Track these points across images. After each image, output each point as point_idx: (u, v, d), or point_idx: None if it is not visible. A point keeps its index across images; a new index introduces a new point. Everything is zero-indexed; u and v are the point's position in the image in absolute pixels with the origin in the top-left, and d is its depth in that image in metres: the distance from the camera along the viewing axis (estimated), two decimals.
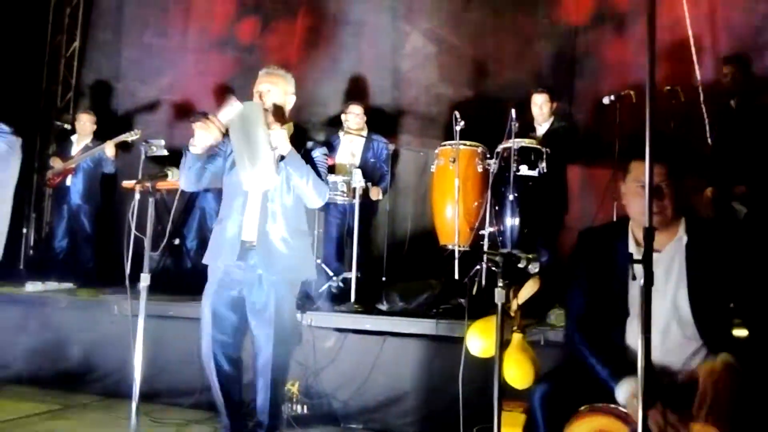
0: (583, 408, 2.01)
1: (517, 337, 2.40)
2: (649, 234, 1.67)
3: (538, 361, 2.41)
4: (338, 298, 4.55)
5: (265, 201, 2.97)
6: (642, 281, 1.66)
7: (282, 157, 2.93)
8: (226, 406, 3.10)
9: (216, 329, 3.02)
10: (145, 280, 2.64)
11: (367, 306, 4.31)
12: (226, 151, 3.09)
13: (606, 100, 4.58)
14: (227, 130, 2.89)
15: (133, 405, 2.57)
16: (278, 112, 3.01)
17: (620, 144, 4.45)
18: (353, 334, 4.02)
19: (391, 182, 5.31)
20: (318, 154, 3.13)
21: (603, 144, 4.77)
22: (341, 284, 4.77)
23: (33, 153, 6.91)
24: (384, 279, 4.89)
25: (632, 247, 2.21)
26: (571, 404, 2.14)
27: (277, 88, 3.06)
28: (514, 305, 2.37)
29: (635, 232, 2.23)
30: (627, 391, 2.01)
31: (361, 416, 3.84)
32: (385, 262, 5.03)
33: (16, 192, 3.68)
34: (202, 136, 2.87)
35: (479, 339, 2.52)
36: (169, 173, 2.79)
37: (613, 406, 2.00)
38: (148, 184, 2.64)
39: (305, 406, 3.82)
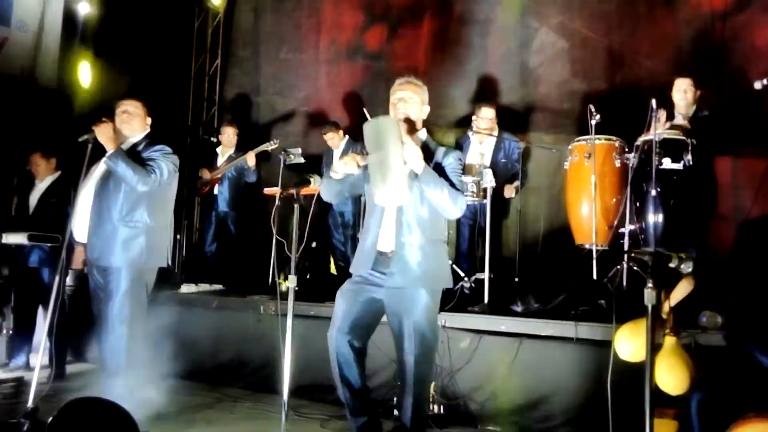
0: (750, 412, 1.87)
1: (670, 341, 2.27)
2: None
3: (692, 366, 2.26)
4: (471, 299, 4.54)
5: (400, 213, 3.01)
6: None
7: (416, 174, 2.94)
8: (348, 395, 3.08)
9: (342, 317, 3.06)
10: (292, 281, 2.76)
11: (501, 307, 4.27)
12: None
13: (758, 85, 4.19)
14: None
15: (284, 400, 2.70)
16: (410, 125, 3.07)
17: None
18: (488, 335, 4.00)
19: (523, 181, 5.22)
20: (451, 160, 3.10)
21: (755, 132, 4.41)
22: (473, 285, 4.75)
23: (182, 166, 7.49)
24: (516, 280, 4.83)
25: None
26: (731, 412, 2.00)
27: (416, 97, 3.10)
28: (665, 307, 2.25)
29: None
30: None
31: (499, 419, 3.80)
32: (518, 262, 4.96)
33: None
34: (345, 168, 2.99)
35: (629, 342, 2.40)
36: (312, 180, 2.92)
37: None
38: (294, 191, 2.79)
39: (442, 407, 3.84)
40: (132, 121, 3.79)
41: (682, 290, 2.25)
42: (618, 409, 2.83)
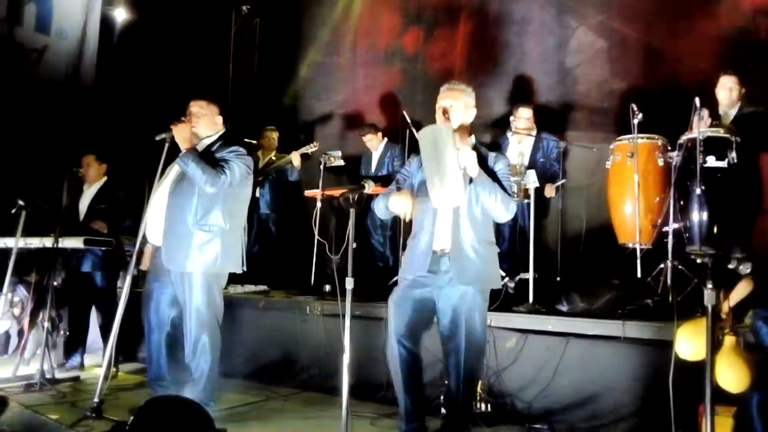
0: None
1: (729, 340, 2.30)
2: None
3: (753, 364, 2.29)
4: (515, 299, 4.58)
5: (456, 215, 3.09)
6: None
7: (471, 179, 3.03)
8: (408, 402, 3.21)
9: (398, 324, 3.18)
10: (349, 283, 2.84)
11: (546, 307, 4.30)
12: (412, 172, 3.28)
13: None
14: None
15: (344, 399, 2.77)
16: (462, 131, 3.15)
17: None
18: (534, 335, 4.04)
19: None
20: (501, 166, 3.18)
21: None
22: (516, 285, 4.77)
23: None
24: (558, 279, 4.85)
25: None
26: None
27: (458, 103, 3.16)
28: (725, 307, 2.28)
29: None
30: None
31: (546, 417, 3.84)
32: (560, 262, 4.97)
33: None
34: (399, 206, 3.09)
35: (689, 342, 2.43)
36: (366, 185, 3.00)
37: None
38: (350, 196, 2.86)
39: (489, 405, 3.90)
40: (199, 122, 3.70)
41: (741, 290, 2.28)
42: (666, 407, 2.86)
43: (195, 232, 3.55)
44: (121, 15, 7.70)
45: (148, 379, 3.89)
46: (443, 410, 3.60)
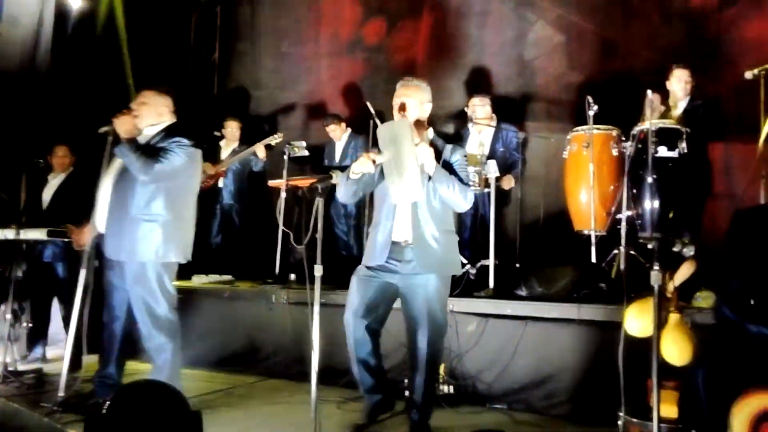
0: (757, 385, 2.04)
1: (674, 317, 2.47)
2: None
3: (696, 339, 2.46)
4: (476, 285, 4.71)
5: (416, 208, 3.20)
6: None
7: (429, 177, 3.14)
8: (365, 374, 3.35)
9: (357, 298, 3.29)
10: (318, 270, 2.90)
11: (505, 292, 4.45)
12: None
13: (749, 75, 4.41)
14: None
15: (313, 384, 2.85)
16: (419, 125, 3.26)
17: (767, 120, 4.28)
18: (494, 319, 4.19)
19: (522, 170, 5.38)
20: (458, 157, 3.28)
21: (747, 121, 4.59)
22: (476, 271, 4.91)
23: None
24: (518, 265, 5.00)
25: None
26: (733, 385, 2.19)
27: (413, 100, 3.25)
28: (670, 287, 2.45)
29: None
30: None
31: (506, 397, 4.01)
32: (518, 248, 5.13)
33: None
34: (362, 168, 3.13)
35: (637, 320, 2.60)
36: (334, 176, 3.06)
37: None
38: (319, 186, 2.92)
39: (452, 387, 4.04)
40: (141, 112, 3.66)
41: (685, 271, 2.45)
42: (615, 383, 3.02)
43: (137, 222, 3.52)
44: (76, 3, 7.54)
45: (95, 375, 3.85)
46: (407, 393, 3.70)
